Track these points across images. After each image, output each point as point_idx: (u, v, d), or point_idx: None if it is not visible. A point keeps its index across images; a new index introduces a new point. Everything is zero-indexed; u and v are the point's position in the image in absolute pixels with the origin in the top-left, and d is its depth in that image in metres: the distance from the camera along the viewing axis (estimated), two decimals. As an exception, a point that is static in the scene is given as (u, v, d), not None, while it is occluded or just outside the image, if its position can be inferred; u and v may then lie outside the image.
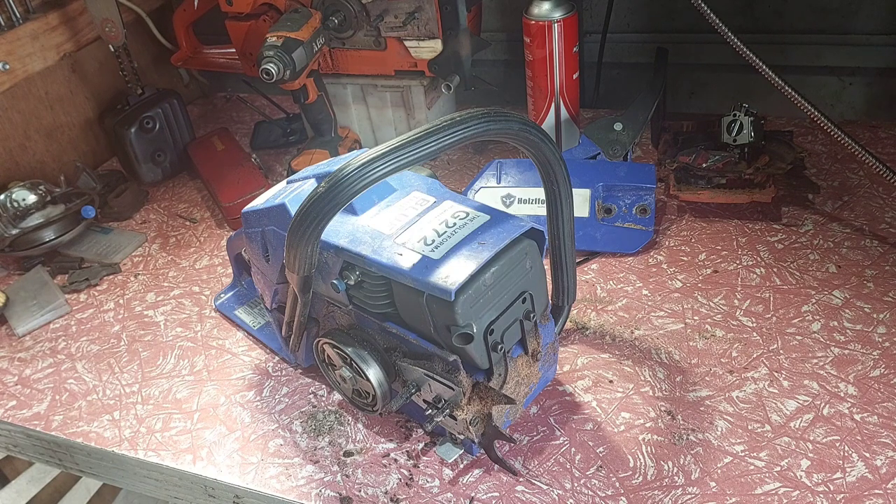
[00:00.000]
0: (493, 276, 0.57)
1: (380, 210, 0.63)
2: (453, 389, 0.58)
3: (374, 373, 0.62)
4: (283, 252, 0.56)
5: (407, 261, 0.56)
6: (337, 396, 0.74)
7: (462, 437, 0.63)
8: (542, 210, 0.89)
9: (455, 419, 0.60)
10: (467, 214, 0.60)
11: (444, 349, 0.58)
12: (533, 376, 0.64)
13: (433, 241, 0.58)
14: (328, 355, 0.67)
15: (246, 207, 0.71)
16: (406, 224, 0.60)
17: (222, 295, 0.89)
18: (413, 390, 0.62)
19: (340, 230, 0.61)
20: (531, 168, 0.92)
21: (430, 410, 0.60)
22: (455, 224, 0.59)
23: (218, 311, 0.88)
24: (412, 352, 0.61)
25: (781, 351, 0.71)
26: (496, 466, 0.64)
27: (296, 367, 0.78)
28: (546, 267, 0.64)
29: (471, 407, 0.59)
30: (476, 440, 0.61)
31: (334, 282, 0.61)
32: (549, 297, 0.67)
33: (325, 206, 0.50)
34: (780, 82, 0.79)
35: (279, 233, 0.65)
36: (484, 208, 0.61)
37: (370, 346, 0.63)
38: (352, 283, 0.60)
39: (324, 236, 0.57)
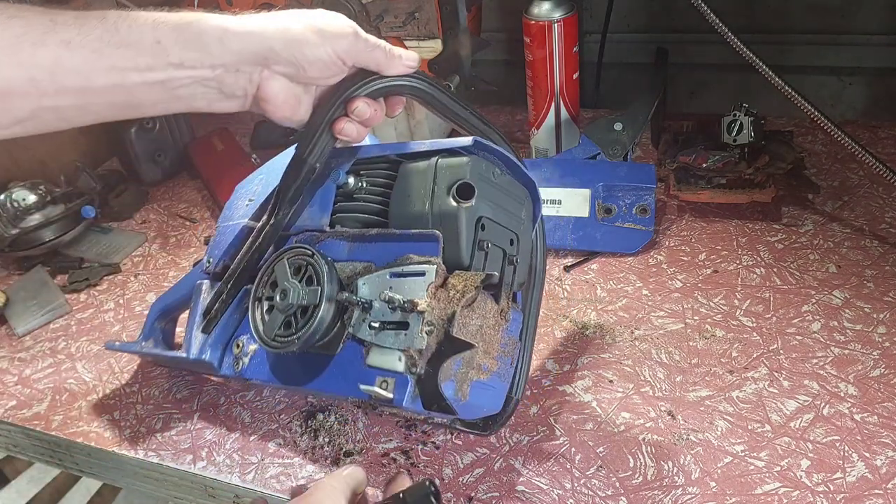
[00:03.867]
0: (501, 178, 0.58)
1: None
2: (423, 275, 0.52)
3: (329, 283, 0.55)
4: None
5: (426, 142, 0.60)
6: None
7: (400, 370, 0.52)
8: (548, 210, 0.89)
9: (407, 326, 0.52)
10: None
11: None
12: (495, 341, 0.56)
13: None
14: (275, 276, 0.59)
15: (246, 207, 0.70)
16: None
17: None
18: (361, 301, 0.54)
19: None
20: (535, 167, 0.92)
21: (380, 324, 0.53)
22: None
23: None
24: (384, 254, 0.57)
25: (781, 351, 0.71)
26: (497, 466, 0.64)
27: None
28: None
29: (435, 302, 0.51)
30: (419, 370, 0.51)
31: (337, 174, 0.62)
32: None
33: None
34: (780, 82, 0.79)
35: None
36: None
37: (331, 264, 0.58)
38: (350, 185, 0.62)
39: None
